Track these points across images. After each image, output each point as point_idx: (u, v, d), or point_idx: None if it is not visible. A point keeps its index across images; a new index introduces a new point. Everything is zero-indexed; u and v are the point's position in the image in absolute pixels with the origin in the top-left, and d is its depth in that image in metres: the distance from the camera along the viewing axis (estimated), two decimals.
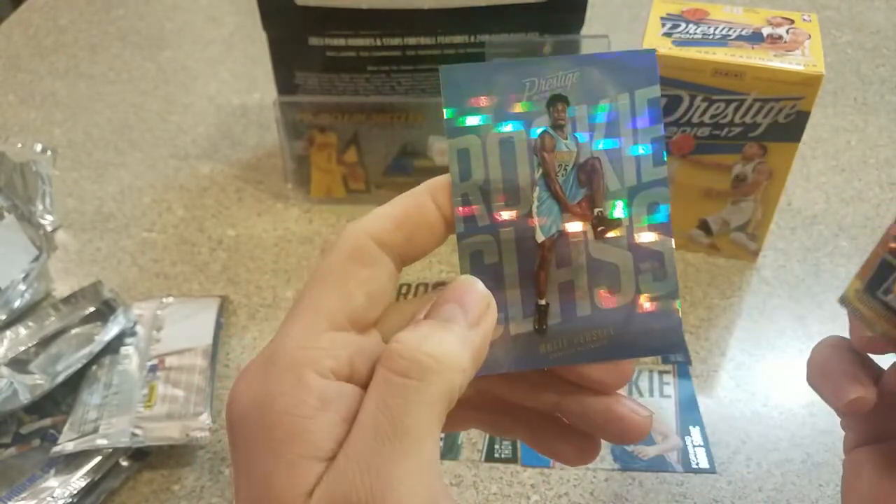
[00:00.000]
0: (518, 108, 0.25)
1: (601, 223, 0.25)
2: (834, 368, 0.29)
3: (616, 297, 0.25)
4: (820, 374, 0.30)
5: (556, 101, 0.25)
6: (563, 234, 0.25)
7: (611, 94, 0.25)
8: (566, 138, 0.25)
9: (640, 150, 0.25)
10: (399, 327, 0.23)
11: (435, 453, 0.21)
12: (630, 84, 0.25)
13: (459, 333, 0.22)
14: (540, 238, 0.25)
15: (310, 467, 0.21)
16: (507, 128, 0.25)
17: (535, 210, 0.25)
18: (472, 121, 0.25)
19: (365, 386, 0.22)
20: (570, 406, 0.26)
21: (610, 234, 0.25)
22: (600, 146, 0.25)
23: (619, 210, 0.25)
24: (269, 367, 0.22)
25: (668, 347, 0.25)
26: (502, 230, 0.25)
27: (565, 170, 0.25)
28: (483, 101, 0.25)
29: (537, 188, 0.25)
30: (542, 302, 0.25)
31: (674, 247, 0.25)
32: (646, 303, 0.25)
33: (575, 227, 0.25)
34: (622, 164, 0.25)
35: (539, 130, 0.25)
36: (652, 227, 0.25)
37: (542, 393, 0.27)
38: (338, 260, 0.23)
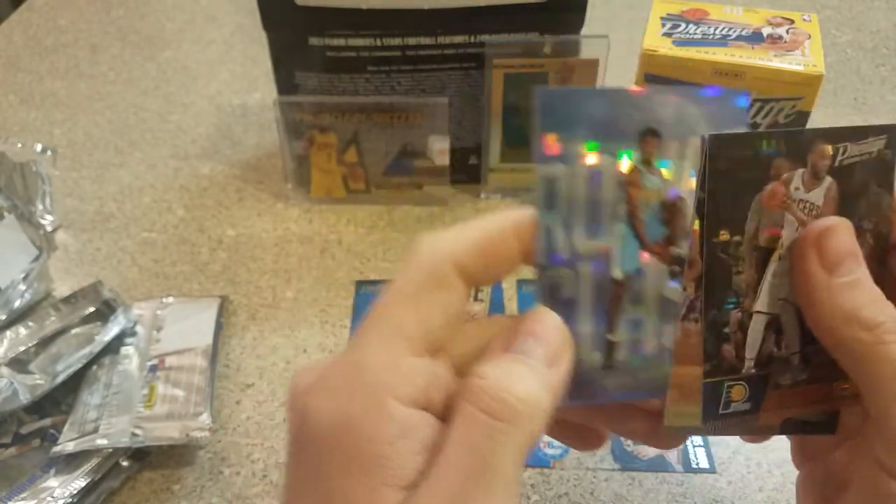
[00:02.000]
0: (610, 139, 0.24)
1: (677, 263, 0.25)
2: None
3: None
4: None
5: (648, 134, 0.24)
6: (639, 271, 0.25)
7: (700, 132, 0.24)
8: (654, 174, 0.25)
9: None
10: (467, 353, 0.23)
11: (518, 495, 0.21)
12: (720, 123, 0.24)
13: (541, 373, 0.22)
14: (618, 275, 0.25)
15: (391, 495, 0.21)
16: (596, 159, 0.24)
17: (615, 246, 0.25)
18: (562, 149, 0.24)
19: (438, 415, 0.22)
20: (613, 425, 0.27)
21: (684, 276, 0.25)
22: (685, 185, 0.25)
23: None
24: (350, 388, 0.22)
25: None
26: (581, 264, 0.24)
27: (650, 207, 0.25)
28: (576, 128, 0.24)
29: (620, 224, 0.24)
30: (612, 337, 0.25)
31: None
32: None
33: (651, 265, 0.25)
34: None
35: (628, 164, 0.24)
36: None
37: (591, 416, 0.28)
38: (418, 280, 0.23)
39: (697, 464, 0.43)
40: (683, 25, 0.49)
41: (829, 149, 0.24)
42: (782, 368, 0.25)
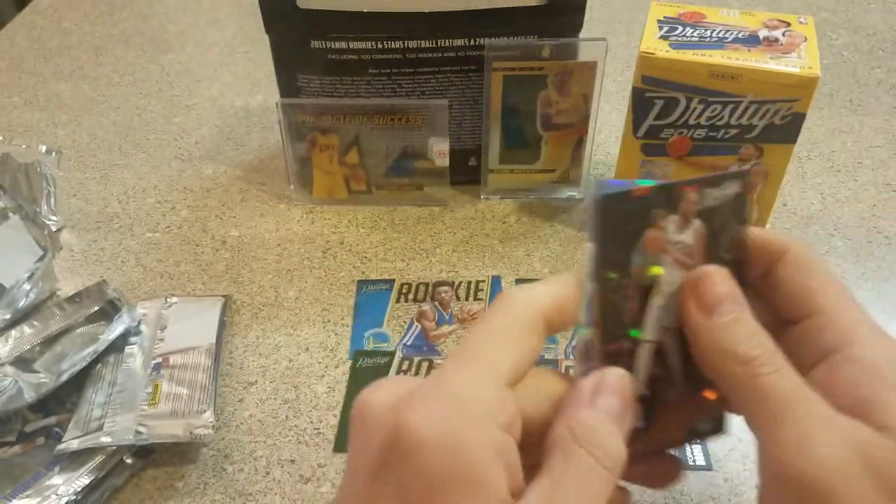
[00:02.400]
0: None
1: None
2: None
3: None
4: None
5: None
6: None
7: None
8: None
9: None
10: (528, 396, 0.26)
11: None
12: None
13: (623, 429, 0.25)
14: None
15: None
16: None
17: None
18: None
19: (517, 440, 0.25)
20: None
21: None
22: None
23: None
24: (456, 411, 0.23)
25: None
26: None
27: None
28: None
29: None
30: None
31: None
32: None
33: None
34: None
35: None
36: None
37: None
38: (516, 327, 0.26)
39: (694, 461, 0.43)
40: (680, 28, 0.50)
41: (695, 196, 0.27)
42: (667, 386, 0.28)
